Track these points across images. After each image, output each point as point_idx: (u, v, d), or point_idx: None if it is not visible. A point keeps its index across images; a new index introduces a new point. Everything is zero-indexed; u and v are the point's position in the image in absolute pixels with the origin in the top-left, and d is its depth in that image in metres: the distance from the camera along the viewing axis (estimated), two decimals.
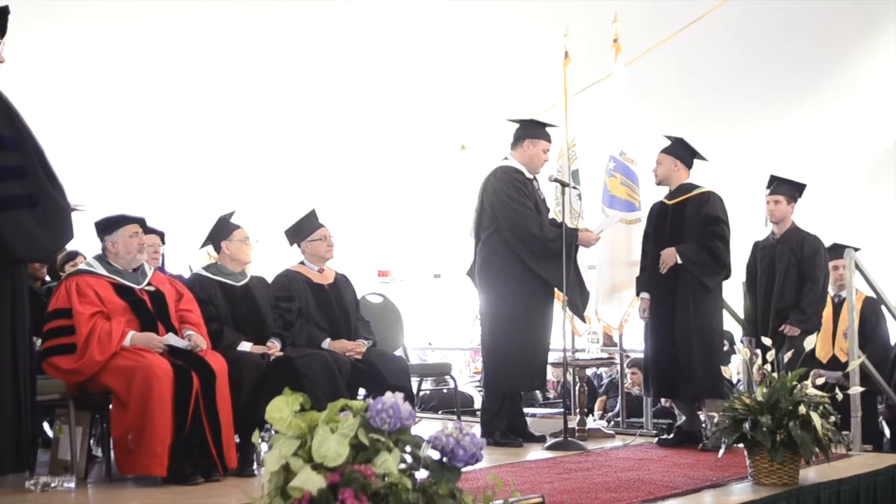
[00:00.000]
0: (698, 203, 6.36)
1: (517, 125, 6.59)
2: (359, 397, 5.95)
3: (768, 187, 6.86)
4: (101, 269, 5.29)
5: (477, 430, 6.10)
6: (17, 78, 3.94)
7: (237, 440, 5.21)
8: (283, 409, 2.40)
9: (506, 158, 6.53)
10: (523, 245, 6.28)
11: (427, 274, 13.87)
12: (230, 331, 5.70)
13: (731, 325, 7.46)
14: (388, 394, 2.39)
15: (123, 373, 4.88)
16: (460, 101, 10.12)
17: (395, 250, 13.36)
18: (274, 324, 5.92)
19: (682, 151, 6.51)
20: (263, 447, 3.57)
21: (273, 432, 2.44)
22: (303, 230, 6.44)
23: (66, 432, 5.13)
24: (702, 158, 6.55)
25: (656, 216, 6.60)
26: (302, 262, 6.47)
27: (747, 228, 7.33)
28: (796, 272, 6.72)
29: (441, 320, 14.27)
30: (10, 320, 3.50)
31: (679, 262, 6.27)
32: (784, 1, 9.18)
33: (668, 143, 6.58)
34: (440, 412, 9.05)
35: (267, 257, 5.05)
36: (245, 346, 5.65)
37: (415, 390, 7.09)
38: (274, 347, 5.72)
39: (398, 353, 7.23)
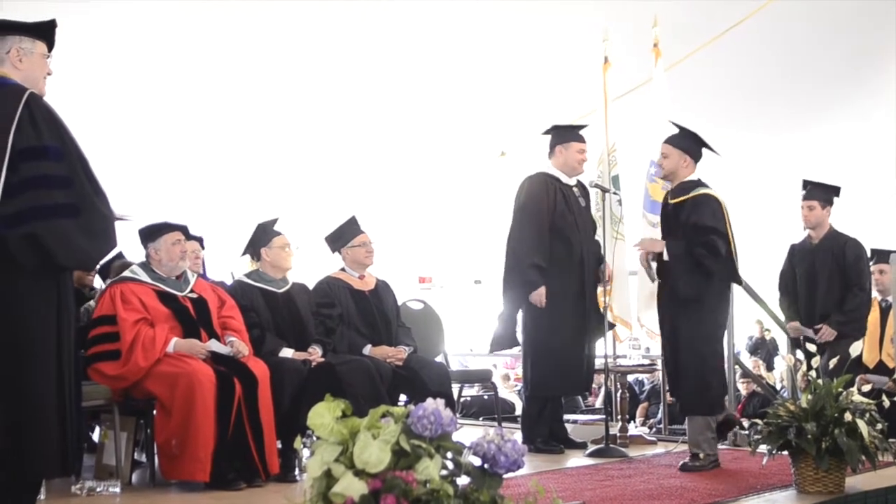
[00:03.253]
0: (692, 207, 5.73)
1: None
2: (399, 403, 5.96)
3: (803, 191, 6.80)
4: (144, 277, 5.36)
5: (518, 436, 6.08)
6: (60, 87, 4.00)
7: (279, 446, 5.24)
8: (324, 415, 2.41)
9: (548, 166, 6.53)
10: (506, 256, 6.34)
11: (468, 280, 13.87)
12: (272, 337, 5.74)
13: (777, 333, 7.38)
14: (430, 400, 2.39)
15: (167, 379, 4.93)
16: (500, 108, 10.12)
17: (436, 256, 13.38)
18: (315, 330, 5.95)
19: (691, 144, 5.90)
20: (305, 453, 3.58)
21: (315, 438, 2.44)
22: (343, 237, 6.46)
23: (112, 437, 5.19)
24: (712, 151, 5.98)
25: (664, 211, 6.07)
26: (343, 269, 6.49)
27: (789, 235, 7.26)
28: (839, 278, 6.65)
29: (482, 326, 14.25)
30: (55, 326, 3.53)
31: (664, 257, 5.73)
32: (826, 3, 9.09)
33: (673, 130, 6.02)
34: (481, 418, 9.04)
35: (309, 264, 5.07)
36: (287, 353, 5.68)
37: (456, 396, 7.09)
38: (315, 354, 5.75)
39: (439, 359, 7.23)
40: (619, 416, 6.95)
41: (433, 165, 11.12)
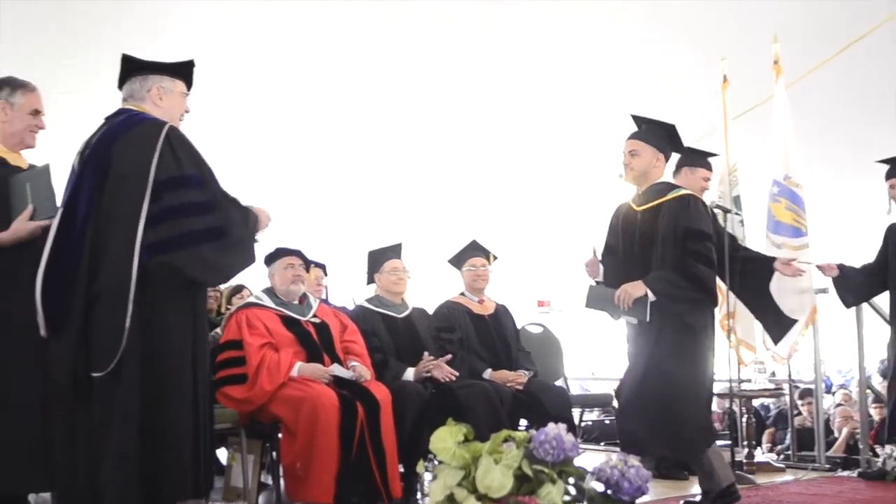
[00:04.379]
0: (674, 211, 4.97)
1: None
2: (520, 428, 5.95)
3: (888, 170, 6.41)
4: (268, 302, 5.49)
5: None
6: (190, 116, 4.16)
7: (401, 469, 5.28)
8: (446, 439, 2.43)
9: None
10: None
11: None
12: (395, 362, 5.80)
13: None
14: (551, 425, 2.39)
15: (291, 402, 5.02)
16: (618, 129, 10.05)
17: (555, 280, 13.32)
18: (436, 355, 5.99)
19: (665, 140, 5.21)
20: (427, 477, 3.62)
21: (437, 462, 2.47)
22: (460, 260, 6.52)
23: (239, 460, 5.30)
24: (685, 152, 5.43)
25: (623, 224, 5.25)
26: (462, 293, 6.53)
27: None
28: None
29: (602, 350, 14.12)
30: (191, 345, 3.66)
31: (651, 298, 4.87)
32: None
33: (635, 126, 5.33)
34: (603, 443, 8.95)
35: (431, 288, 5.13)
36: (409, 375, 5.73)
37: (576, 421, 7.04)
38: (441, 366, 5.77)
39: (559, 383, 7.20)
40: (744, 442, 6.79)
41: (552, 188, 11.09)
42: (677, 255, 4.90)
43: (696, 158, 6.39)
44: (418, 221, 10.90)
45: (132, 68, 3.94)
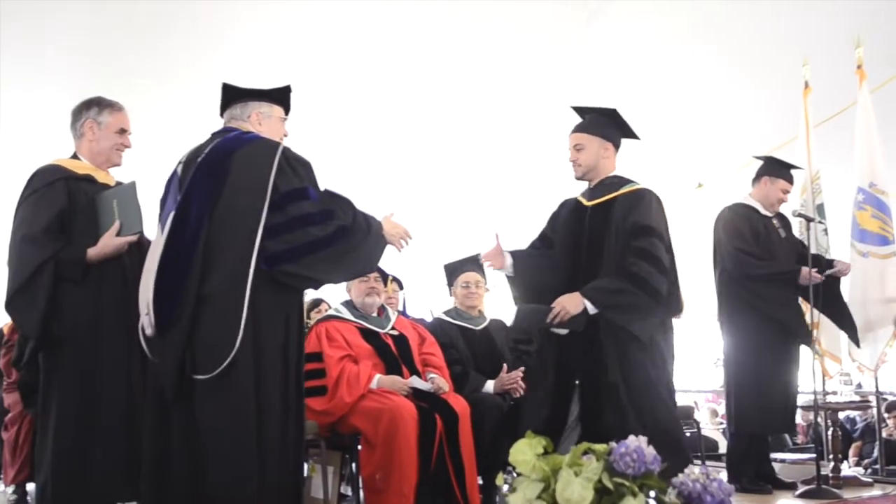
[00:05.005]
0: (627, 205, 4.56)
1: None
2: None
3: None
4: (348, 315, 5.54)
5: (723, 475, 5.91)
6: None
7: (480, 482, 5.27)
8: (526, 451, 2.42)
9: (745, 196, 6.38)
10: (743, 286, 6.09)
11: None
12: (475, 374, 5.81)
13: None
14: (632, 437, 2.37)
15: (371, 414, 5.05)
16: (697, 138, 9.95)
17: None
18: (514, 366, 5.98)
19: (611, 128, 4.77)
20: (506, 489, 3.61)
21: (516, 474, 2.46)
22: None
23: (319, 471, 5.34)
24: (634, 136, 4.86)
25: (569, 222, 4.79)
26: None
27: None
28: None
29: (682, 362, 13.95)
30: (282, 350, 3.71)
31: (591, 311, 4.39)
32: None
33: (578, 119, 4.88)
34: None
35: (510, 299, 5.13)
36: (489, 388, 5.74)
37: None
38: (517, 379, 5.76)
39: None
40: (830, 456, 6.64)
41: None
42: (623, 253, 4.46)
43: (778, 169, 6.30)
44: (499, 232, 10.89)
45: (232, 96, 4.03)
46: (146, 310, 3.64)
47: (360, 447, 5.23)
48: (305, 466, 5.86)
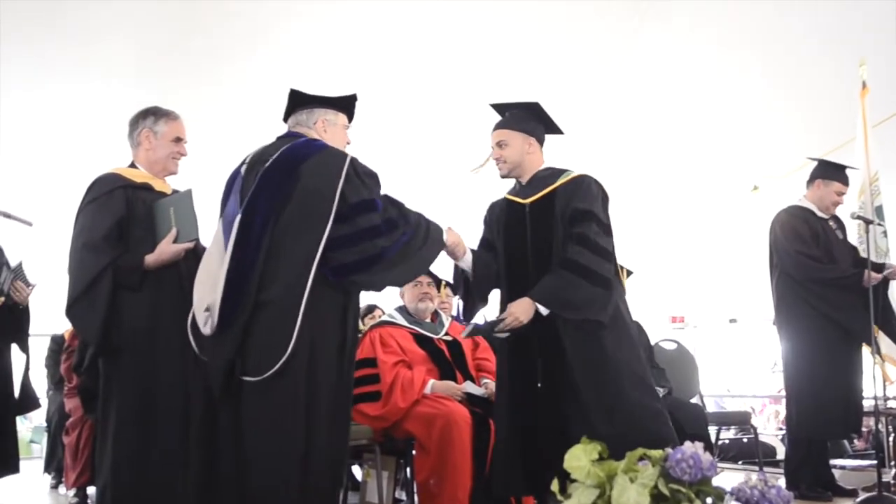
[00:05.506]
0: (568, 194, 4.35)
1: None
2: None
3: None
4: (401, 320, 5.57)
5: (781, 481, 5.84)
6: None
7: None
8: (581, 457, 2.41)
9: (801, 199, 6.30)
10: (804, 289, 6.00)
11: (722, 319, 13.51)
12: None
13: None
14: (688, 443, 2.35)
15: (425, 419, 5.06)
16: (752, 140, 9.85)
17: (689, 295, 13.11)
18: None
19: (532, 122, 4.54)
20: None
21: (570, 480, 2.45)
22: None
23: (374, 476, 5.36)
24: (557, 131, 4.60)
25: (507, 224, 4.54)
26: None
27: None
28: None
29: (739, 366, 13.82)
30: (336, 357, 3.73)
31: (544, 313, 4.17)
32: None
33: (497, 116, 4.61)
34: (740, 462, 8.74)
35: None
36: None
37: (713, 439, 6.90)
38: None
39: (694, 400, 7.07)
40: (892, 462, 6.53)
41: (685, 201, 10.93)
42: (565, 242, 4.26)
43: (832, 171, 6.22)
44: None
45: (298, 102, 4.06)
46: (204, 308, 3.68)
47: (414, 452, 5.24)
48: (360, 471, 5.90)
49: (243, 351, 3.60)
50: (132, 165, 4.45)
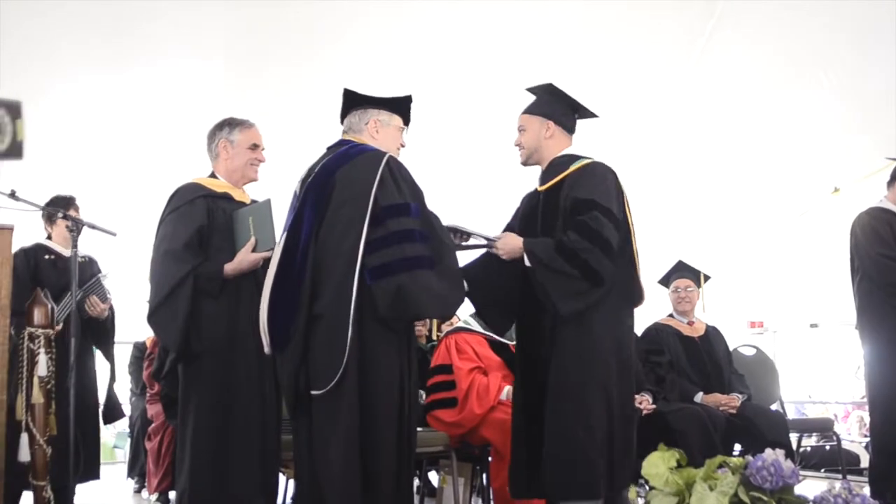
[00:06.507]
0: (573, 182, 4.12)
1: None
2: (734, 453, 5.79)
3: None
4: (477, 327, 5.57)
5: (866, 490, 5.72)
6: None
7: None
8: (659, 464, 2.40)
9: (881, 200, 6.17)
10: (886, 293, 5.86)
11: (803, 323, 13.27)
12: None
13: None
14: (769, 450, 2.32)
15: (501, 426, 5.03)
16: (832, 142, 9.66)
17: (768, 300, 12.91)
18: (645, 378, 5.91)
19: (554, 107, 4.30)
20: (639, 502, 3.57)
21: (649, 488, 2.44)
22: (668, 281, 6.45)
23: (450, 483, 5.37)
24: (591, 115, 4.37)
25: (525, 212, 4.40)
26: (671, 315, 6.44)
27: None
28: None
29: (821, 372, 13.57)
30: (399, 366, 3.75)
31: (526, 263, 3.99)
32: None
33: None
34: (822, 470, 8.57)
35: (641, 310, 4.99)
36: None
37: (794, 446, 6.78)
38: (645, 401, 5.71)
39: (774, 407, 6.96)
40: None
41: (764, 204, 10.76)
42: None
43: None
44: None
45: (352, 102, 4.09)
46: (263, 328, 3.75)
47: (490, 459, 5.24)
48: (437, 478, 5.92)
49: (306, 365, 3.65)
50: (212, 176, 4.53)
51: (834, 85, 8.88)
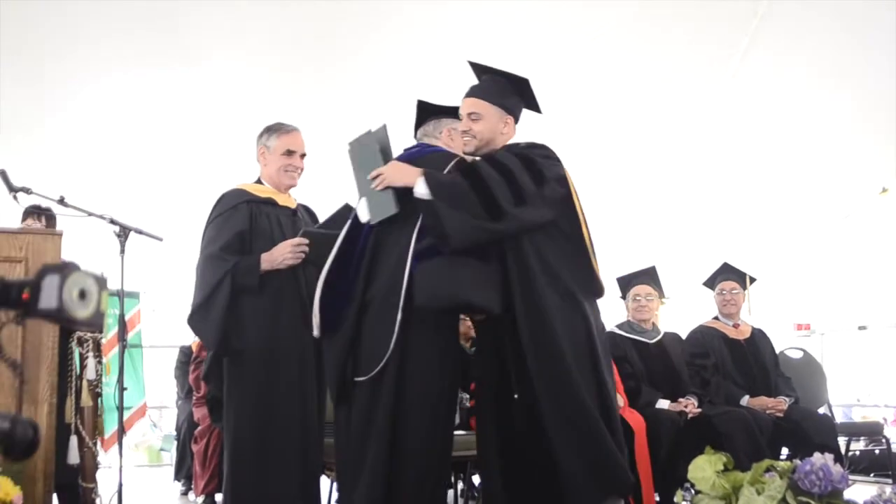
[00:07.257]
0: (512, 149, 3.82)
1: None
2: (781, 457, 5.73)
3: None
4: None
5: None
6: None
7: (657, 498, 5.19)
8: (705, 468, 2.38)
9: None
10: None
11: (851, 326, 13.11)
12: (648, 389, 5.73)
13: None
14: (817, 455, 2.30)
15: None
16: (880, 141, 9.53)
17: (815, 301, 12.77)
18: (690, 381, 5.87)
19: (515, 100, 3.91)
20: None
21: (695, 492, 2.42)
22: (714, 283, 6.40)
23: None
24: (536, 109, 3.96)
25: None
26: (716, 318, 6.39)
27: None
28: None
29: (870, 374, 13.39)
30: (437, 370, 3.75)
31: (421, 193, 3.57)
32: None
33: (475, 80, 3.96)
34: (872, 475, 8.45)
35: (686, 312, 4.93)
36: (662, 404, 5.65)
37: (843, 450, 6.70)
38: (691, 405, 5.67)
39: (822, 410, 6.88)
40: None
41: (809, 204, 10.64)
42: None
43: None
44: (674, 243, 10.73)
45: (426, 113, 4.15)
46: (315, 311, 3.79)
47: None
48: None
49: (355, 352, 3.68)
50: (258, 181, 4.57)
51: (882, 84, 8.77)
